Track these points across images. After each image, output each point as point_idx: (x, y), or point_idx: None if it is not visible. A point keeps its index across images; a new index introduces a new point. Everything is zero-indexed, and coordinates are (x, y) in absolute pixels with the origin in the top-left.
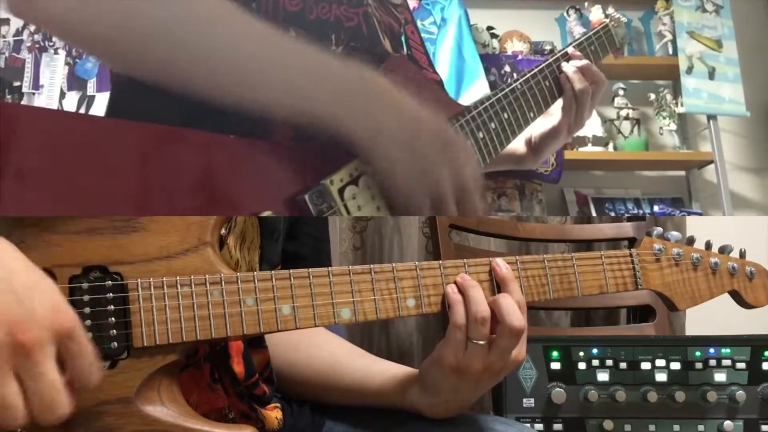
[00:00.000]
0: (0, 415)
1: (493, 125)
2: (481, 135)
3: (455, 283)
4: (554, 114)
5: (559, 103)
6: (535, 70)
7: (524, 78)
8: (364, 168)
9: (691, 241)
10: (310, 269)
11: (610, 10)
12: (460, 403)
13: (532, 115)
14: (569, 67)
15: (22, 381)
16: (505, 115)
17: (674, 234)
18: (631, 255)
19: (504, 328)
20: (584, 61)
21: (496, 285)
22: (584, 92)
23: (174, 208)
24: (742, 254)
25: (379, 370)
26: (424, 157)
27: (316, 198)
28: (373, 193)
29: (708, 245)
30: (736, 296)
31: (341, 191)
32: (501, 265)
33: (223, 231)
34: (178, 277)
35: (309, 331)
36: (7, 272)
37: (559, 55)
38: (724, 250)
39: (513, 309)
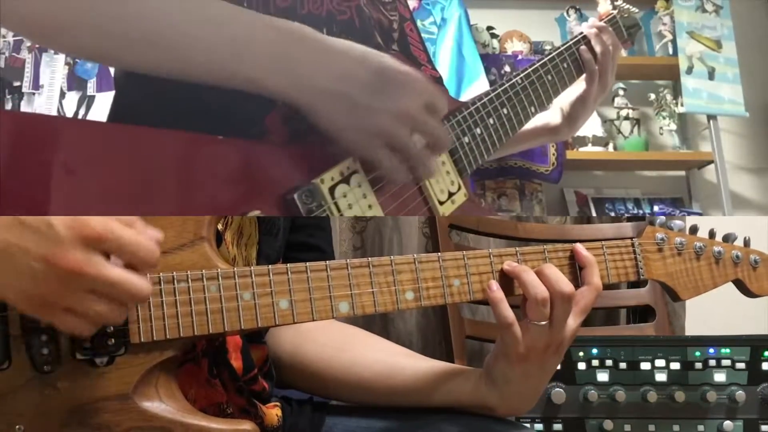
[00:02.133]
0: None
1: (491, 121)
2: (478, 131)
3: (503, 271)
4: (581, 82)
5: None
6: (537, 64)
7: (525, 73)
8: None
9: (694, 230)
10: (307, 263)
11: (619, 1)
12: (531, 392)
13: (533, 109)
14: (590, 29)
15: (94, 293)
16: (505, 111)
17: (677, 223)
18: (632, 244)
19: (555, 296)
20: (602, 23)
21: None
22: (605, 54)
23: (161, 209)
24: (747, 242)
25: (421, 366)
26: (360, 105)
27: (306, 197)
28: (364, 192)
29: (711, 234)
30: (740, 285)
31: (332, 190)
32: (582, 248)
33: (220, 227)
34: (174, 273)
35: (354, 332)
36: (13, 217)
37: (563, 48)
38: (727, 238)
39: (559, 275)
